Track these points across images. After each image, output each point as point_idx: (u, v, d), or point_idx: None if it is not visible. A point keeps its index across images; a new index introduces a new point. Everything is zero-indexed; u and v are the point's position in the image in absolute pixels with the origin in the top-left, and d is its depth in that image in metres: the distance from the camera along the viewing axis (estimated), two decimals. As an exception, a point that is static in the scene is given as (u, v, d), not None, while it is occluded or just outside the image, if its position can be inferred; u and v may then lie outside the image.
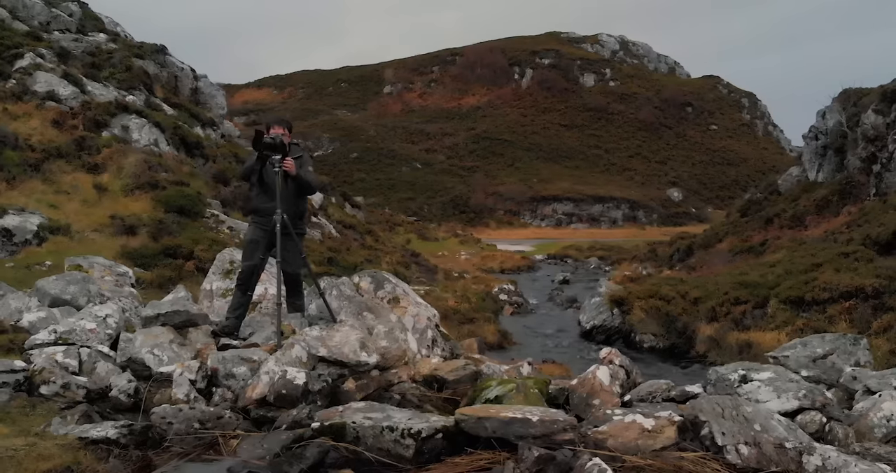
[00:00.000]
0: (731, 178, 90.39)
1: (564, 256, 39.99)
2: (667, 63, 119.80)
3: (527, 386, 6.19)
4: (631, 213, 78.05)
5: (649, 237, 61.81)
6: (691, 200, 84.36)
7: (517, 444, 5.10)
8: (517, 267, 32.90)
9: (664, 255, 29.31)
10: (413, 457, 5.20)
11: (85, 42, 19.32)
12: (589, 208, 77.16)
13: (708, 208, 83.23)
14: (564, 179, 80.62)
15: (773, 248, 22.55)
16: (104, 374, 6.63)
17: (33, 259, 11.58)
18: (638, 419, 5.31)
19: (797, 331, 10.26)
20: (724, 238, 27.23)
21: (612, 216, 77.75)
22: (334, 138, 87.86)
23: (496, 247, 43.53)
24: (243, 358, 6.62)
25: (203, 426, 5.77)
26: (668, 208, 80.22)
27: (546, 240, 57.31)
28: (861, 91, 25.19)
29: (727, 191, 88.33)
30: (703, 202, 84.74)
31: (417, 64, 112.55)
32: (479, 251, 40.10)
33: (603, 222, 76.63)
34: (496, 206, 75.35)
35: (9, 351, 6.90)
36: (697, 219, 79.01)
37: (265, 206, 7.20)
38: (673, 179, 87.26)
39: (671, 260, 27.86)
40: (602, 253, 39.81)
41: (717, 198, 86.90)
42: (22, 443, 5.31)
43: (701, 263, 24.61)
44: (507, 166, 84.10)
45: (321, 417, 5.81)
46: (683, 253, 27.57)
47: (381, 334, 7.24)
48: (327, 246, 16.92)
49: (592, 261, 36.63)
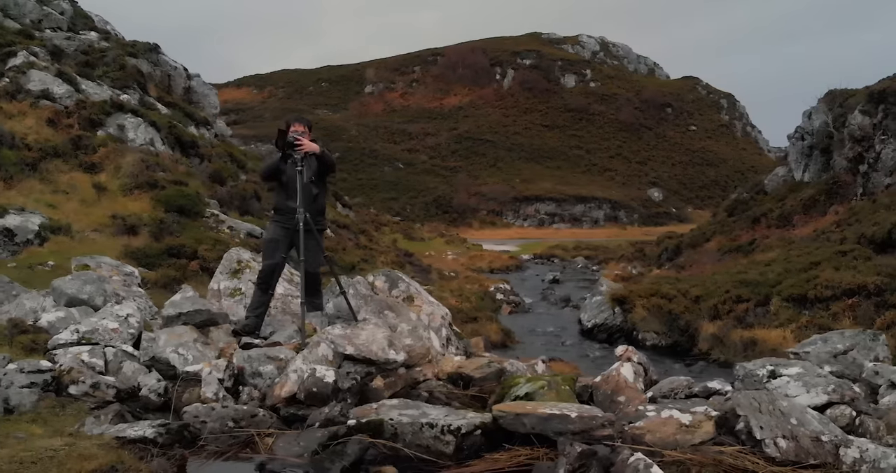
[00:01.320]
0: (711, 179, 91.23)
1: (551, 256, 40.16)
2: (646, 64, 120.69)
3: (558, 383, 6.24)
4: (612, 213, 78.55)
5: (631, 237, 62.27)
6: (671, 200, 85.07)
7: (556, 440, 5.15)
8: (506, 267, 33.00)
9: (652, 255, 29.55)
10: (453, 454, 5.24)
11: (77, 40, 19.11)
12: (571, 208, 77.55)
13: (688, 208, 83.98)
14: (546, 179, 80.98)
15: (762, 247, 22.83)
16: (130, 374, 6.61)
17: (35, 259, 11.46)
18: (674, 414, 5.38)
19: (801, 329, 10.44)
20: (711, 237, 27.51)
21: (593, 216, 78.20)
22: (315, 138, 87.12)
23: (482, 247, 43.63)
24: (270, 357, 6.63)
25: (237, 424, 5.79)
26: (649, 208, 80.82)
27: (530, 240, 57.54)
28: (846, 92, 25.55)
29: (707, 192, 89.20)
30: (683, 202, 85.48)
31: (399, 64, 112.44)
32: (465, 251, 40.15)
33: (585, 222, 77.06)
34: (479, 206, 75.49)
35: (31, 351, 6.85)
36: (678, 219, 79.68)
37: (286, 205, 7.22)
38: (653, 179, 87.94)
39: (659, 260, 28.10)
40: (588, 252, 40.04)
41: (696, 199, 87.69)
42: (60, 444, 5.29)
43: (690, 262, 24.85)
44: (489, 166, 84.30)
45: (356, 414, 5.83)
46: (672, 252, 27.82)
47: (405, 332, 7.28)
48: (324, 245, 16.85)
49: (579, 261, 36.83)
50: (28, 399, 5.95)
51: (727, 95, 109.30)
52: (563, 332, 14.73)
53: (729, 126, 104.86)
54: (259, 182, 16.32)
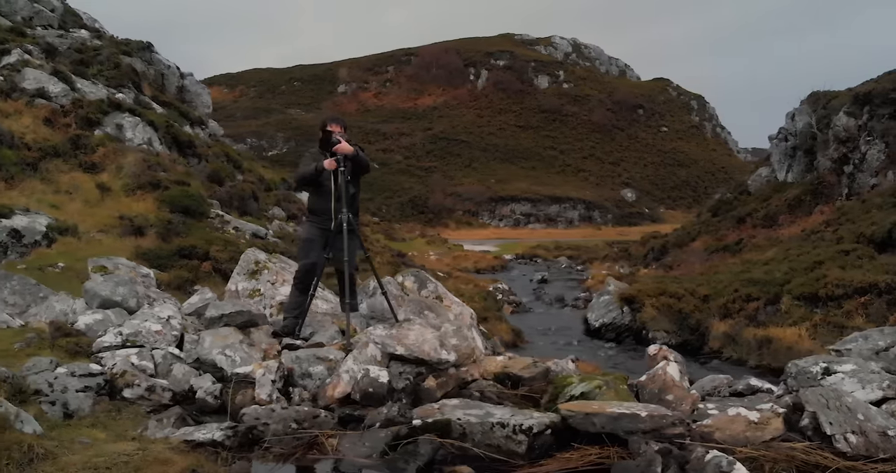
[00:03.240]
0: (682, 179, 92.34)
1: (533, 256, 40.33)
2: (617, 65, 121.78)
3: (616, 382, 6.27)
4: (587, 213, 79.16)
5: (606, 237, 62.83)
6: (644, 201, 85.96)
7: (626, 439, 5.20)
8: (491, 267, 33.06)
9: (638, 254, 29.82)
10: (525, 453, 5.26)
11: (70, 38, 18.72)
12: (546, 208, 77.97)
13: (660, 208, 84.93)
14: (521, 180, 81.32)
15: (750, 247, 23.18)
16: (181, 376, 6.54)
17: (44, 260, 11.24)
18: (742, 412, 5.44)
19: (816, 327, 10.62)
20: (696, 237, 27.85)
21: (568, 216, 78.72)
22: (289, 137, 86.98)
23: (463, 248, 43.68)
24: (319, 358, 6.61)
25: (300, 426, 5.76)
26: (623, 208, 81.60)
27: (507, 241, 57.74)
28: (829, 93, 26.04)
29: (678, 192, 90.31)
30: (656, 202, 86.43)
31: (372, 63, 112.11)
32: (447, 251, 40.16)
33: (560, 222, 77.54)
34: (455, 207, 75.57)
35: (75, 355, 6.71)
36: (650, 219, 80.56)
37: (322, 206, 7.19)
38: (626, 180, 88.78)
39: (646, 259, 28.37)
40: (570, 252, 40.28)
41: (668, 199, 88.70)
42: (132, 448, 5.22)
43: (678, 262, 25.13)
44: (464, 167, 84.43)
45: (420, 414, 5.83)
46: (658, 252, 28.11)
47: (450, 332, 7.28)
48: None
49: (562, 261, 37.04)
50: (85, 403, 5.86)
51: (697, 97, 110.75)
52: (568, 332, 14.82)
53: (699, 127, 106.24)
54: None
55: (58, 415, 5.65)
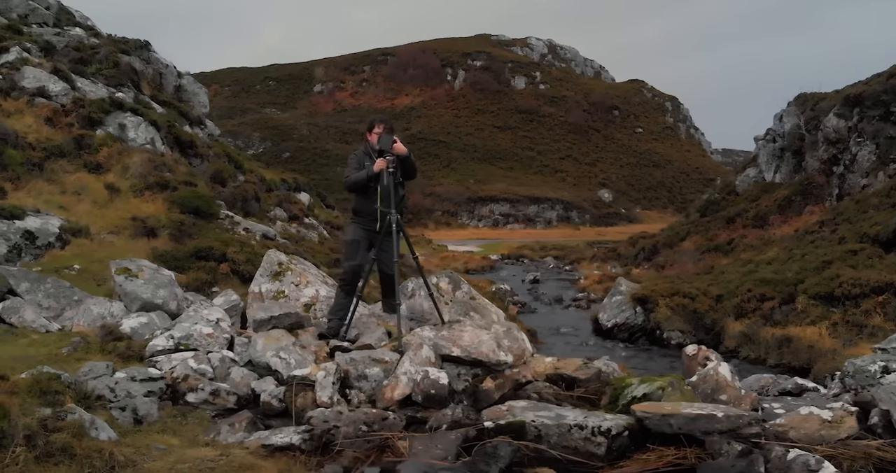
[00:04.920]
0: (658, 180, 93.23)
1: (519, 256, 40.43)
2: (592, 67, 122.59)
3: (680, 383, 6.30)
4: (565, 214, 79.59)
5: (585, 237, 63.29)
6: (621, 201, 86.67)
7: (702, 440, 5.23)
8: (481, 268, 33.10)
9: (628, 254, 30.03)
10: (604, 455, 5.26)
11: (67, 36, 18.34)
12: (525, 209, 78.26)
13: (636, 208, 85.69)
14: (500, 180, 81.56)
15: (743, 247, 23.50)
16: (239, 379, 6.50)
17: (59, 263, 11.02)
18: (814, 410, 5.51)
19: (835, 325, 10.78)
20: (685, 237, 28.14)
21: (546, 216, 79.08)
22: (265, 137, 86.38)
23: (447, 248, 43.67)
24: (374, 359, 6.59)
25: (370, 428, 5.73)
26: (600, 209, 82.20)
27: (488, 241, 57.85)
28: (817, 95, 26.46)
29: (654, 193, 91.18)
30: (632, 202, 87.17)
31: (348, 63, 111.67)
32: (432, 252, 40.11)
33: (538, 222, 77.88)
34: (434, 207, 75.54)
35: (127, 359, 6.61)
36: (627, 219, 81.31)
37: (369, 207, 7.16)
38: (603, 180, 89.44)
39: (636, 259, 28.60)
40: (555, 252, 40.43)
41: (644, 199, 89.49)
42: (213, 454, 5.16)
43: (670, 262, 25.37)
44: (443, 167, 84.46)
45: (490, 416, 5.84)
46: (649, 252, 28.33)
47: (501, 333, 7.29)
48: (328, 246, 16.70)
49: (549, 261, 37.16)
50: (153, 409, 5.78)
51: (671, 98, 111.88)
52: (578, 332, 14.88)
53: (673, 128, 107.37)
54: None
55: (128, 421, 5.58)
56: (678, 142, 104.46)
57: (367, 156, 7.13)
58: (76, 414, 5.10)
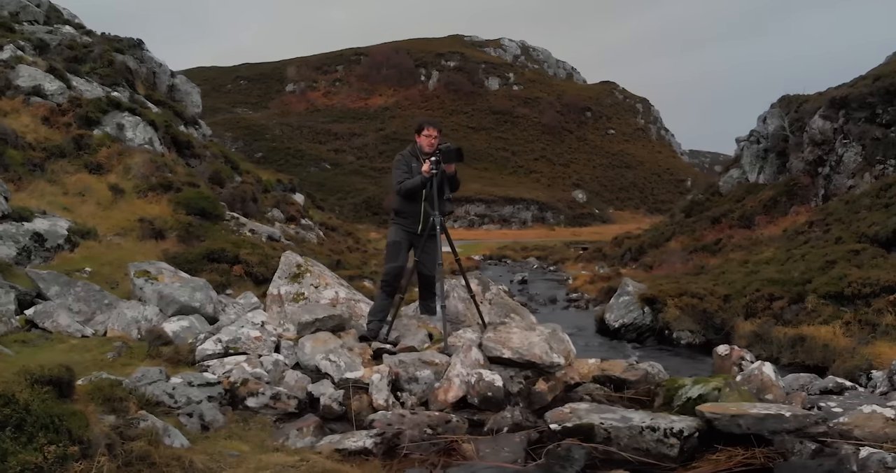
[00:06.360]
0: (630, 181, 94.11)
1: (502, 257, 40.48)
2: (564, 68, 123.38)
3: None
4: (540, 214, 80.00)
5: (560, 237, 63.65)
6: (594, 202, 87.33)
7: (770, 439, 5.27)
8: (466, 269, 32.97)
9: (613, 255, 30.22)
10: (677, 456, 5.27)
11: (59, 34, 17.93)
12: (500, 209, 78.53)
13: (609, 209, 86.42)
14: (475, 181, 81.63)
15: (731, 247, 23.78)
16: (293, 383, 6.44)
17: (69, 265, 10.77)
18: (877, 409, 5.57)
19: (848, 324, 10.94)
20: (671, 237, 28.41)
21: (521, 217, 79.42)
22: (237, 137, 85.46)
23: (428, 249, 43.40)
24: (425, 362, 6.56)
25: (434, 431, 5.70)
26: (574, 209, 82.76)
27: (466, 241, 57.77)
28: (800, 97, 26.89)
29: (626, 193, 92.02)
30: (605, 203, 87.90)
31: (321, 62, 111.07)
32: (414, 253, 39.92)
33: (514, 223, 78.17)
34: (409, 208, 75.32)
35: (177, 364, 6.47)
36: (601, 219, 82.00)
37: (412, 208, 7.13)
38: (577, 181, 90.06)
39: (623, 260, 28.80)
40: (538, 253, 40.55)
41: (617, 200, 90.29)
42: (293, 460, 5.08)
43: (658, 262, 25.57)
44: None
45: (555, 418, 5.82)
46: (635, 252, 28.56)
47: (545, 335, 7.27)
48: (328, 248, 16.58)
49: (532, 262, 37.25)
50: (218, 414, 5.68)
51: (642, 100, 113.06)
52: (582, 332, 14.89)
53: (645, 129, 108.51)
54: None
55: (195, 428, 5.47)
56: (649, 144, 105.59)
57: (414, 158, 7.07)
58: (148, 422, 4.99)
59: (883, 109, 21.40)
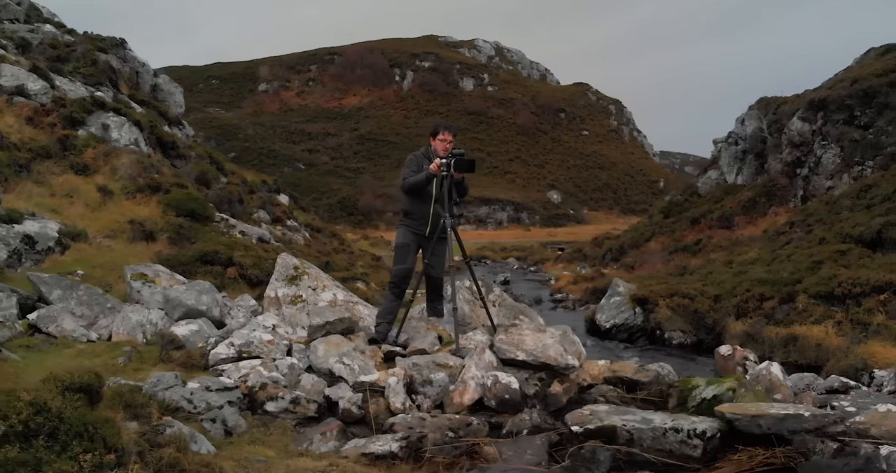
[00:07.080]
0: (603, 181, 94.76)
1: (482, 257, 40.51)
2: (538, 70, 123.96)
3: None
4: (515, 215, 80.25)
5: (536, 238, 63.89)
6: (569, 202, 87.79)
7: (789, 439, 5.34)
8: (447, 269, 32.94)
9: (594, 255, 30.40)
10: (700, 457, 5.31)
11: (41, 33, 17.56)
12: (476, 210, 78.66)
13: (584, 210, 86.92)
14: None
15: (711, 247, 24.05)
16: (309, 386, 6.40)
17: (61, 268, 10.56)
18: (892, 408, 5.66)
19: (839, 324, 11.11)
20: (651, 238, 28.65)
21: (497, 217, 79.63)
22: (210, 137, 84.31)
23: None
24: (438, 364, 6.56)
25: (455, 434, 5.70)
26: (549, 210, 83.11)
27: (443, 242, 57.64)
28: (778, 99, 27.26)
29: (600, 194, 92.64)
30: (579, 204, 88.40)
31: (294, 62, 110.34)
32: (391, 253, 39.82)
33: (489, 223, 78.34)
34: (385, 208, 75.18)
35: (190, 368, 6.39)
36: (575, 220, 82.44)
37: (421, 210, 7.13)
38: (551, 182, 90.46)
39: (604, 260, 28.99)
40: (517, 253, 40.65)
41: (591, 200, 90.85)
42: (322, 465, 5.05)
43: (639, 262, 25.78)
44: (393, 167, 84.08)
45: (575, 420, 5.83)
46: (616, 252, 28.75)
47: (557, 336, 7.29)
48: (315, 249, 16.47)
49: (511, 262, 37.33)
50: (240, 419, 5.63)
51: (615, 101, 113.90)
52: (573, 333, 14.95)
53: (617, 131, 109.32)
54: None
55: (219, 433, 5.42)
56: (622, 145, 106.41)
57: (426, 160, 7.05)
58: (175, 428, 4.92)
59: (861, 111, 21.77)
